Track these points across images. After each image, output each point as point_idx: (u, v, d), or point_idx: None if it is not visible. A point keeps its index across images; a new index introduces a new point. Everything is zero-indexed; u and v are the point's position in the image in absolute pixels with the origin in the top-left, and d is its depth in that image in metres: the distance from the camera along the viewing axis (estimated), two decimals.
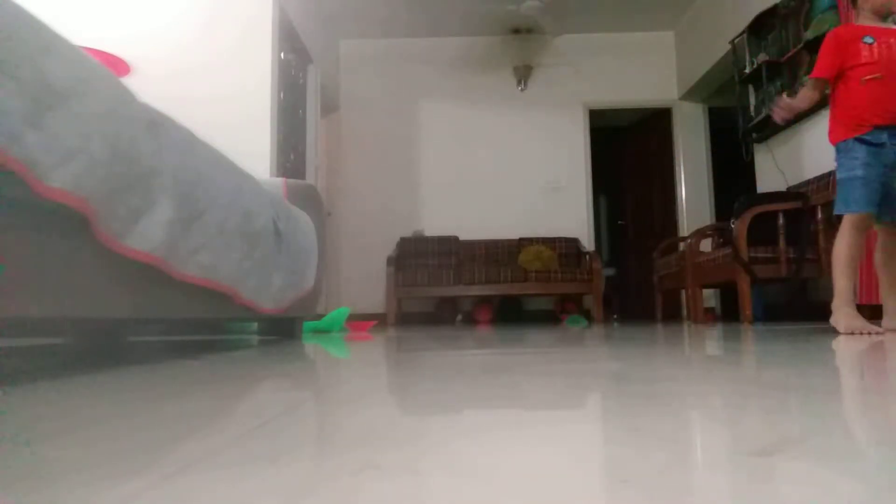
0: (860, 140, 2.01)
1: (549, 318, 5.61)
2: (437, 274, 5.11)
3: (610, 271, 6.04)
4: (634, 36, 6.02)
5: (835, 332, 2.09)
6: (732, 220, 3.47)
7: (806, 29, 3.85)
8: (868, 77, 2.01)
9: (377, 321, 4.66)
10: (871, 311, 3.31)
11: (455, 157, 5.93)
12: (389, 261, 5.22)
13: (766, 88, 4.26)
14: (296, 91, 4.70)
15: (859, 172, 2.00)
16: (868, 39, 2.05)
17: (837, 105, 2.12)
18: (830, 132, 2.15)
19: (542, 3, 5.10)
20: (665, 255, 4.79)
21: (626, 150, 6.75)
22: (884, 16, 2.12)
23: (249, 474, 0.40)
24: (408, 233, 5.75)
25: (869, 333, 1.96)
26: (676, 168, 5.93)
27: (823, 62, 2.12)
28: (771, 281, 3.43)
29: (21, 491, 0.37)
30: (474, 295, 5.19)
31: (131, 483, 0.38)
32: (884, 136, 1.98)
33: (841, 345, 1.53)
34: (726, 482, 0.37)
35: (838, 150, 2.11)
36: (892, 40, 2.06)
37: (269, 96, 3.82)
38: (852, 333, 1.97)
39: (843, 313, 2.07)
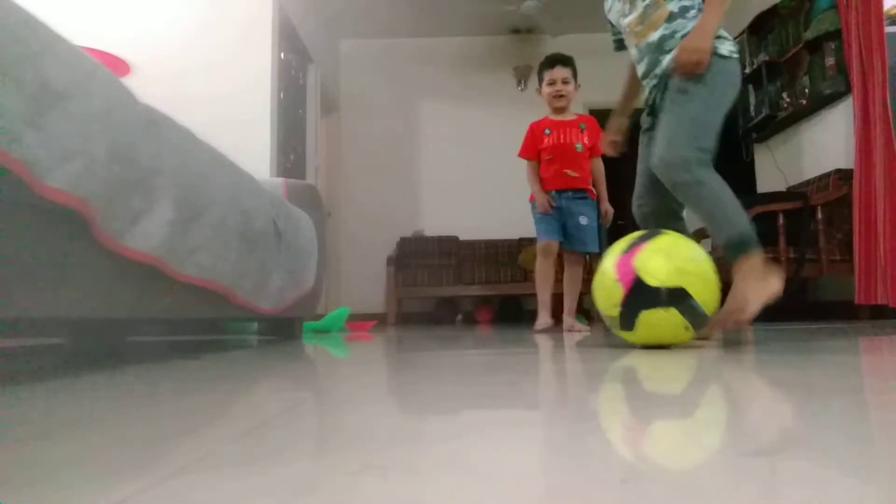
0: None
1: None
2: (437, 274, 5.11)
3: None
4: None
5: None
6: None
7: (806, 29, 3.85)
8: (546, 157, 2.94)
9: (377, 321, 4.66)
10: (872, 311, 3.32)
11: (455, 157, 5.92)
12: (389, 261, 5.22)
13: (766, 88, 4.26)
14: (296, 91, 4.70)
15: (538, 215, 2.95)
16: (546, 131, 2.95)
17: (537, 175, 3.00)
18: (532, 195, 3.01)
19: (541, 3, 5.10)
20: None
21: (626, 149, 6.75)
22: (556, 109, 2.94)
23: (249, 474, 0.40)
24: (408, 233, 5.74)
25: (579, 331, 2.65)
26: None
27: (524, 147, 3.04)
28: None
29: (20, 491, 0.37)
30: (474, 295, 5.19)
31: (131, 483, 0.38)
32: (553, 194, 2.93)
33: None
34: (726, 482, 0.37)
35: (533, 205, 3.00)
36: (564, 130, 2.92)
37: (268, 96, 3.82)
38: (570, 331, 2.71)
39: (543, 321, 2.91)
